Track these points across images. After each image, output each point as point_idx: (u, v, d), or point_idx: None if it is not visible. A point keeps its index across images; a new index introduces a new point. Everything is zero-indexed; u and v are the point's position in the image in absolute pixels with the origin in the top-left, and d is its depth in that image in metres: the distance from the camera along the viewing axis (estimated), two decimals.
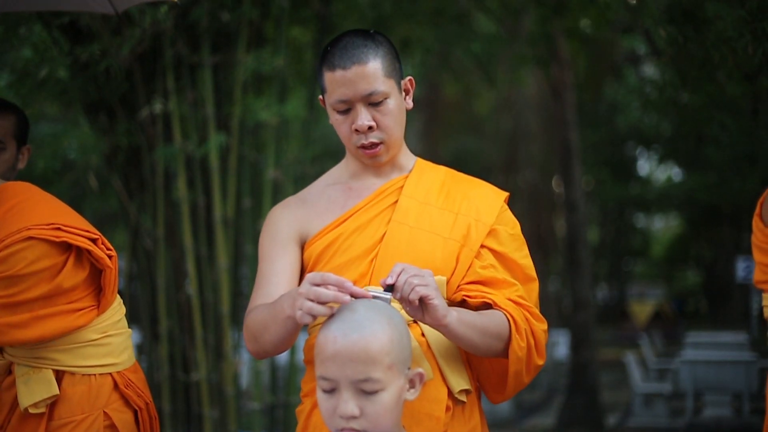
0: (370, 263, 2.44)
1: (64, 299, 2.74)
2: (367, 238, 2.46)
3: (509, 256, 2.51)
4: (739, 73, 4.53)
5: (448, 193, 2.55)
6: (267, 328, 2.33)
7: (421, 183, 2.55)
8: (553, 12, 7.39)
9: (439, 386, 2.38)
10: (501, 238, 2.51)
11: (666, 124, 16.50)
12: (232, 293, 5.77)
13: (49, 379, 2.76)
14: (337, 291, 2.08)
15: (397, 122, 2.48)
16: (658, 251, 35.85)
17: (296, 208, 2.57)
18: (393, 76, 2.46)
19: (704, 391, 11.38)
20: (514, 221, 2.58)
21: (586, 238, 12.32)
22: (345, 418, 1.97)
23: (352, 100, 2.43)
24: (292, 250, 2.52)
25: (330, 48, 2.46)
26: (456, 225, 2.48)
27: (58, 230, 2.71)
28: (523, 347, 2.40)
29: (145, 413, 2.88)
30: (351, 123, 2.45)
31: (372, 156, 2.49)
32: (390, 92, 2.44)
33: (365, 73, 2.40)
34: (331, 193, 2.57)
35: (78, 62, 5.46)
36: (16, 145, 3.14)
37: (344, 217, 2.50)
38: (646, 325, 24.61)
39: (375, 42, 2.45)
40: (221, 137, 5.61)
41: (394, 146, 2.51)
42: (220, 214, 5.70)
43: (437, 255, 2.44)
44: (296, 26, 6.74)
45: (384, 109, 2.44)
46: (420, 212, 2.49)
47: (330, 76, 2.43)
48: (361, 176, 2.57)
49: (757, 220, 3.10)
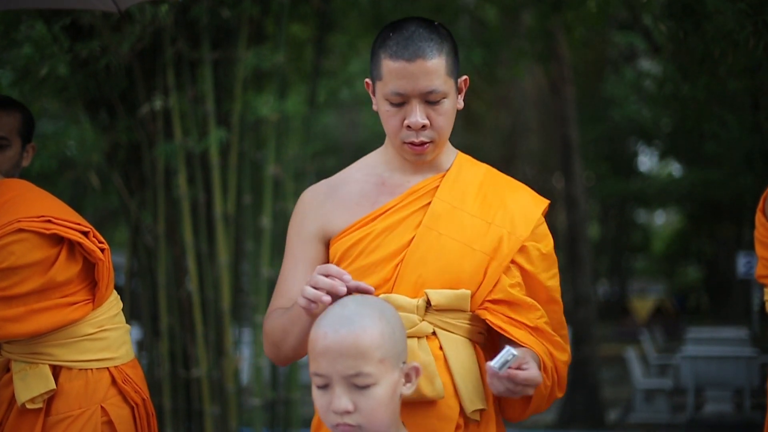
0: (395, 268, 2.31)
1: (59, 293, 2.75)
2: (394, 240, 2.33)
3: (536, 277, 2.37)
4: (739, 68, 4.52)
5: (485, 197, 2.39)
6: (287, 332, 2.29)
7: (457, 185, 2.39)
8: (552, 8, 7.39)
9: (451, 404, 2.27)
10: (531, 256, 2.37)
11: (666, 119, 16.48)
12: (232, 290, 5.77)
13: (46, 374, 2.76)
14: (333, 282, 2.07)
15: (450, 123, 2.35)
16: (659, 247, 35.83)
17: (325, 198, 2.42)
18: (453, 75, 2.33)
19: (705, 387, 11.39)
20: (548, 237, 2.42)
21: (587, 234, 12.33)
22: (339, 413, 1.96)
23: (410, 95, 2.28)
24: (315, 248, 2.41)
25: (392, 33, 2.29)
26: (488, 236, 2.33)
27: (48, 222, 2.71)
28: (548, 386, 2.32)
29: (142, 409, 2.88)
30: (403, 118, 2.30)
31: (418, 153, 2.34)
32: (448, 92, 2.31)
33: (428, 70, 2.26)
34: (363, 185, 2.42)
35: (78, 59, 5.46)
36: (21, 143, 3.15)
37: (374, 215, 2.36)
38: (647, 321, 24.61)
39: (440, 37, 2.31)
40: (221, 134, 5.61)
41: (441, 146, 2.37)
42: (221, 211, 5.70)
43: (465, 267, 2.31)
44: (296, 23, 6.74)
45: (440, 108, 2.30)
46: (452, 218, 2.34)
47: (389, 65, 2.27)
48: (397, 170, 2.41)
49: (760, 215, 3.10)
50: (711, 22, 4.21)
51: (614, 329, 24.99)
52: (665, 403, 11.43)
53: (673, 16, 4.60)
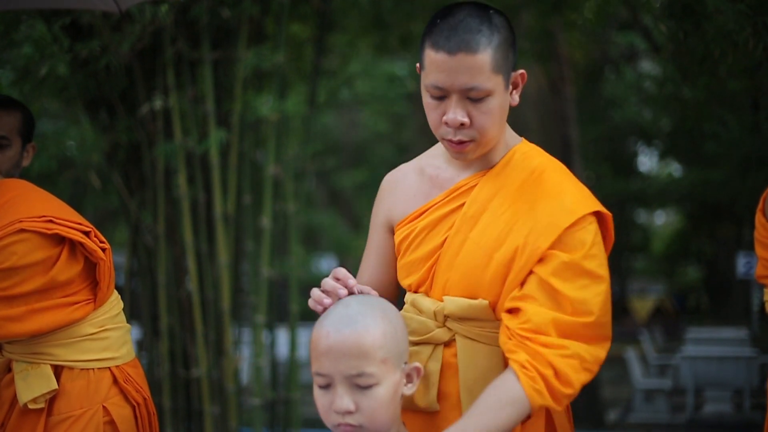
0: (430, 269, 2.23)
1: (60, 293, 2.75)
2: (431, 240, 2.23)
3: (556, 288, 2.11)
4: (739, 68, 4.52)
5: (519, 199, 2.19)
6: None
7: (496, 183, 2.22)
8: (552, 8, 7.39)
9: (449, 417, 2.17)
10: (552, 265, 2.12)
11: (666, 119, 16.48)
12: (232, 290, 5.77)
13: (48, 374, 2.76)
14: (335, 284, 2.08)
15: (495, 122, 2.15)
16: (659, 247, 35.81)
17: (395, 185, 2.35)
18: (502, 70, 2.12)
19: (705, 387, 11.39)
20: (584, 245, 2.14)
21: None
22: (340, 413, 1.96)
23: (449, 90, 2.10)
24: (383, 236, 2.37)
25: (439, 21, 2.11)
26: (506, 244, 2.16)
27: (50, 222, 2.72)
28: (539, 383, 2.05)
29: (143, 409, 2.88)
30: (443, 113, 2.13)
31: (458, 152, 2.18)
32: (494, 90, 2.11)
33: (471, 65, 2.07)
34: (424, 177, 2.31)
35: (78, 59, 5.46)
36: (21, 142, 3.16)
37: (421, 211, 2.27)
38: (647, 321, 24.63)
39: (491, 27, 2.10)
40: (221, 134, 5.61)
41: (487, 145, 2.19)
42: (221, 211, 5.70)
43: (485, 276, 2.16)
44: (296, 22, 6.74)
45: (483, 107, 2.11)
46: (480, 221, 2.19)
47: (431, 55, 2.10)
48: (451, 162, 2.28)
49: (760, 216, 3.10)
50: (711, 22, 4.21)
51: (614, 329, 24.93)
52: (665, 403, 11.43)
53: (673, 16, 4.60)
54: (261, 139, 6.11)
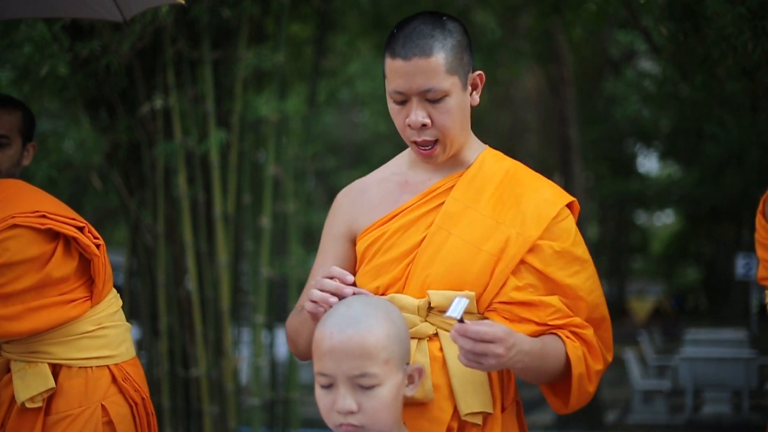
0: (406, 268, 2.30)
1: (56, 290, 2.75)
2: (407, 239, 2.32)
3: (551, 276, 2.28)
4: (738, 70, 4.53)
5: (500, 196, 2.33)
6: (299, 332, 2.34)
7: (475, 182, 2.35)
8: (552, 8, 7.39)
9: (443, 406, 2.24)
10: (544, 254, 2.28)
11: (666, 120, 16.48)
12: (232, 289, 5.78)
13: (45, 372, 2.76)
14: (338, 284, 2.10)
15: (456, 121, 2.28)
16: (658, 248, 35.83)
17: (356, 197, 2.45)
18: (457, 71, 2.26)
19: (704, 388, 11.40)
20: (568, 234, 2.32)
21: (586, 235, 12.31)
22: (342, 413, 1.96)
23: (408, 94, 2.25)
24: (342, 246, 2.43)
25: (396, 31, 2.27)
26: (495, 236, 2.28)
27: (42, 217, 2.72)
28: (578, 346, 2.28)
29: (141, 408, 2.87)
30: (405, 116, 2.28)
31: (427, 156, 2.31)
32: (451, 90, 2.25)
33: (425, 68, 2.22)
34: (389, 185, 2.42)
35: (78, 58, 5.46)
36: (22, 142, 3.17)
37: (392, 215, 2.36)
38: (646, 322, 24.65)
39: (444, 32, 2.25)
40: (221, 133, 5.62)
41: (453, 145, 2.32)
42: (221, 211, 5.70)
43: (471, 268, 2.26)
44: (296, 22, 6.74)
45: (441, 107, 2.25)
46: (463, 218, 2.31)
47: (390, 63, 2.26)
48: (419, 169, 2.40)
49: (760, 217, 3.10)
50: (711, 24, 4.21)
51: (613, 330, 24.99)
52: (664, 404, 11.44)
53: (673, 18, 4.61)
54: (261, 139, 6.11)
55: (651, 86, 13.25)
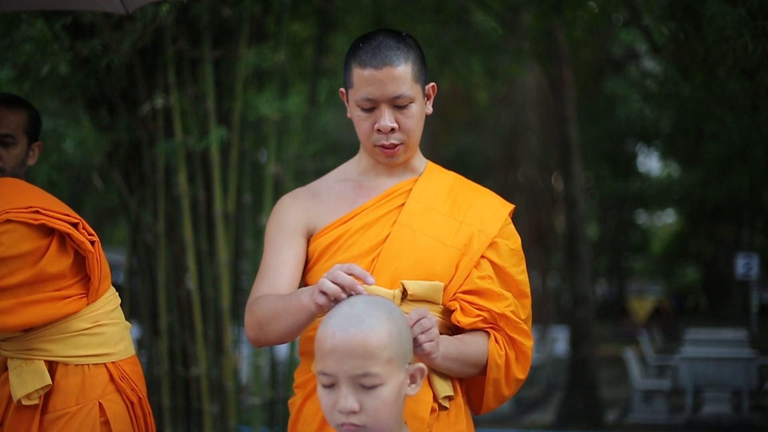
0: (371, 263, 2.47)
1: (51, 286, 2.74)
2: (371, 237, 2.50)
3: (507, 271, 2.56)
4: (738, 70, 4.53)
5: (455, 200, 2.58)
6: (277, 317, 2.36)
7: (430, 188, 2.58)
8: (552, 8, 7.38)
9: (425, 389, 2.43)
10: (501, 251, 2.55)
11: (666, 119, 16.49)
12: (232, 288, 5.77)
13: (41, 369, 2.75)
14: (354, 280, 2.12)
15: (418, 126, 2.53)
16: (658, 247, 35.86)
17: (305, 200, 2.60)
18: (420, 81, 2.51)
19: (703, 388, 11.41)
20: (515, 236, 2.62)
21: (586, 234, 12.33)
22: (344, 413, 1.96)
23: (378, 100, 2.46)
24: (299, 241, 2.55)
25: (362, 45, 2.48)
26: (459, 233, 2.52)
27: (36, 213, 2.71)
28: (501, 355, 2.50)
29: (138, 408, 2.86)
30: (374, 122, 2.49)
31: (390, 155, 2.53)
32: (415, 97, 2.49)
33: (395, 76, 2.44)
34: (341, 189, 2.60)
35: (79, 57, 5.46)
36: (27, 141, 3.17)
37: (352, 215, 2.53)
38: (646, 322, 24.64)
39: (407, 46, 2.49)
40: (222, 132, 5.61)
41: (412, 149, 2.56)
42: (221, 209, 5.70)
43: (438, 261, 2.48)
44: (297, 21, 6.74)
45: (407, 112, 2.49)
46: (425, 217, 2.52)
47: (359, 73, 2.46)
48: (372, 174, 2.60)
49: None
50: (711, 24, 4.22)
51: (613, 329, 25.01)
52: (663, 403, 11.45)
53: (674, 17, 4.61)
54: (261, 138, 6.11)
55: (652, 85, 13.25)
